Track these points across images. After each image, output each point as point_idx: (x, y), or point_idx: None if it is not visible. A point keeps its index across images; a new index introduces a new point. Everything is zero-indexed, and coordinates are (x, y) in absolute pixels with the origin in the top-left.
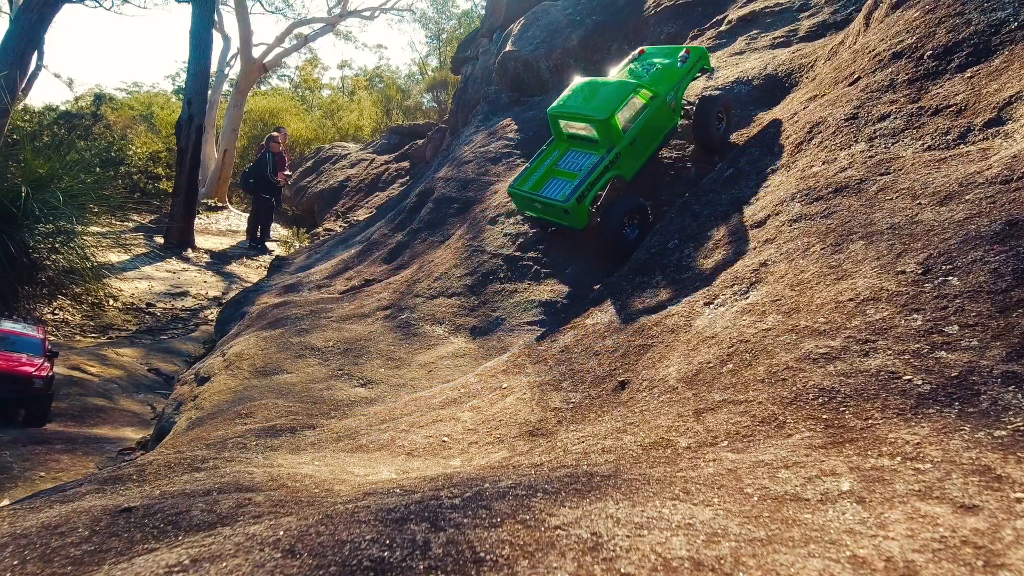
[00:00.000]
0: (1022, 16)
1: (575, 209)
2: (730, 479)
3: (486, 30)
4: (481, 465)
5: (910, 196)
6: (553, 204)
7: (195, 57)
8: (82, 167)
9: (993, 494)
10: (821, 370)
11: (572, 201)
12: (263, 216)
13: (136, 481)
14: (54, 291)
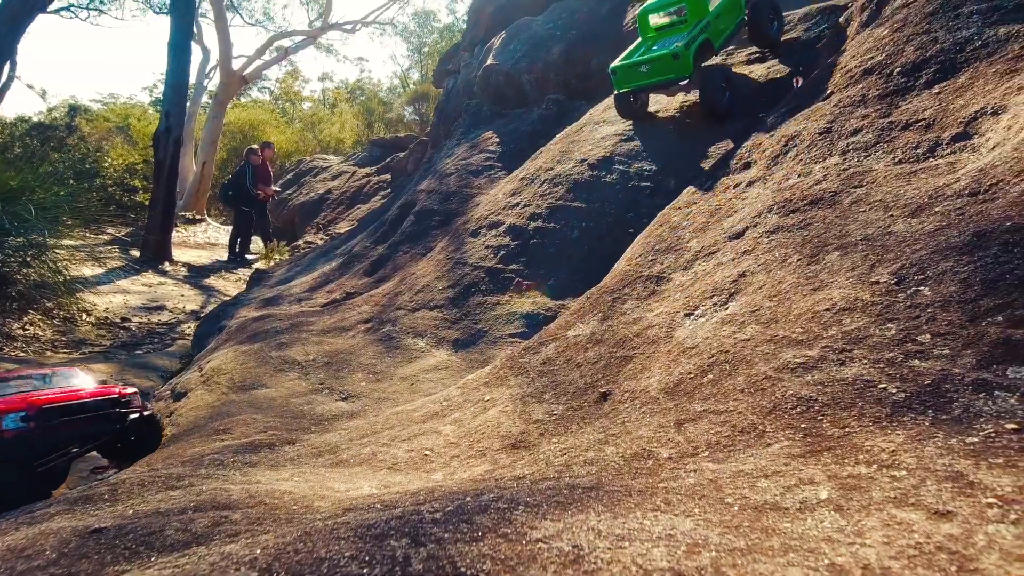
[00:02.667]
0: (985, 35)
1: (683, 54)
2: (711, 489)
3: (467, 44)
4: (463, 479)
5: (883, 208)
6: (661, 57)
7: (173, 69)
8: (55, 179)
9: (966, 500)
10: (799, 379)
11: (681, 47)
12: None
13: (108, 501)
14: (25, 306)
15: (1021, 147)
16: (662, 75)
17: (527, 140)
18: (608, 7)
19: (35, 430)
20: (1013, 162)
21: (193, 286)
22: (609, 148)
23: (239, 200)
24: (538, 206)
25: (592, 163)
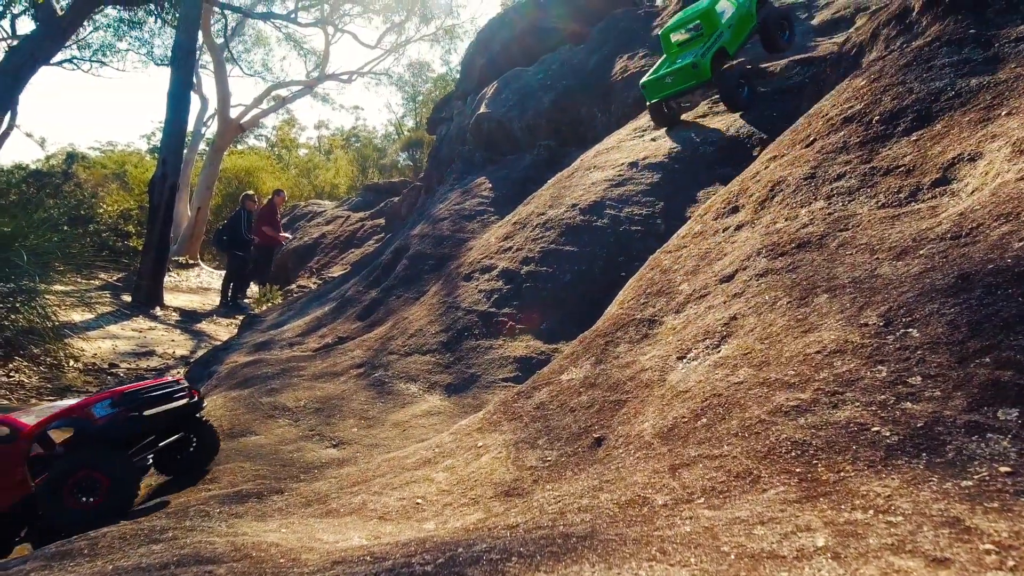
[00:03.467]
0: (958, 86)
1: (701, 63)
2: (707, 537)
3: (461, 93)
4: (455, 528)
5: (868, 251)
6: (682, 68)
7: (172, 118)
8: (49, 225)
9: (963, 546)
10: (793, 423)
11: (699, 57)
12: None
13: (87, 556)
14: (11, 352)
15: (999, 192)
16: (685, 83)
17: (519, 186)
18: (596, 59)
19: (122, 415)
20: (992, 206)
21: (184, 331)
22: (600, 193)
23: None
24: (530, 250)
25: (583, 208)
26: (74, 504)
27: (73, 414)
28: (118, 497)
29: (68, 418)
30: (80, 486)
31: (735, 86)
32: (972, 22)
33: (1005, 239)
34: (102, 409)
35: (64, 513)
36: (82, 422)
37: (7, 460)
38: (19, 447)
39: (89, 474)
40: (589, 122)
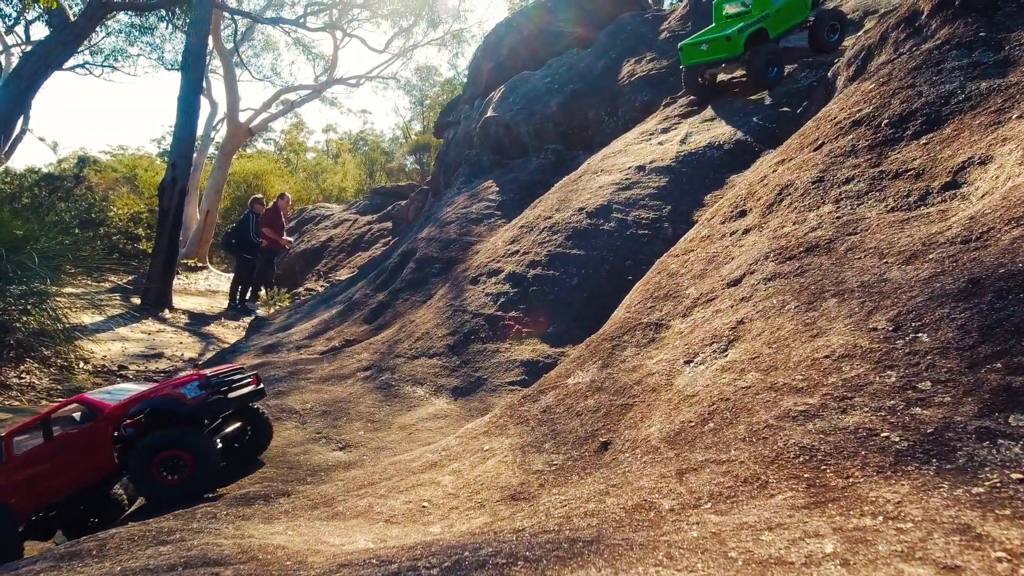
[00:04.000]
0: (968, 89)
1: (736, 37)
2: (714, 543)
3: (468, 97)
4: (462, 531)
5: (877, 255)
6: (717, 39)
7: (182, 122)
8: (60, 228)
9: (974, 554)
10: (801, 428)
11: (735, 31)
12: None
13: (96, 557)
14: (22, 354)
15: (1010, 196)
16: (717, 54)
17: (526, 189)
18: (603, 63)
19: (208, 396)
20: (1003, 210)
21: (192, 333)
22: (607, 197)
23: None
24: (537, 254)
25: (590, 211)
26: (160, 480)
27: (165, 394)
28: (201, 475)
29: (160, 398)
30: (167, 464)
31: (764, 64)
32: (982, 25)
33: (1016, 243)
34: (192, 391)
35: (151, 488)
36: (175, 403)
37: (88, 439)
38: (100, 426)
39: (176, 452)
40: (596, 126)
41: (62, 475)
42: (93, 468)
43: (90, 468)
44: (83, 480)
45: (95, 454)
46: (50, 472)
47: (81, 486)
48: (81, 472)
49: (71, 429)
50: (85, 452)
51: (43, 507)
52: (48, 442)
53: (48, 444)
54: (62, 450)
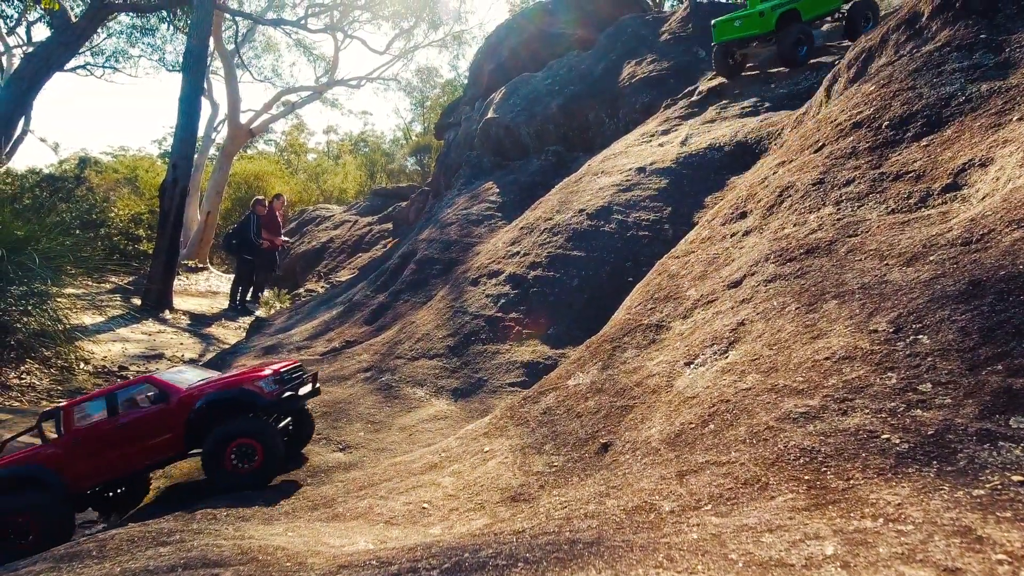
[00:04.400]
0: (969, 91)
1: (768, 14)
2: (714, 544)
3: (469, 98)
4: (462, 533)
5: (878, 257)
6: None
7: (183, 123)
8: (61, 229)
9: (975, 556)
10: (801, 430)
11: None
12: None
13: (96, 558)
14: (23, 355)
15: (1011, 198)
16: (750, 30)
17: (527, 191)
18: (604, 65)
19: (282, 391)
20: (1004, 212)
21: (193, 334)
22: (607, 198)
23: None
24: (538, 255)
25: (591, 213)
26: (231, 468)
27: (244, 386)
28: (270, 466)
29: (239, 389)
30: (239, 453)
31: (794, 43)
32: (983, 27)
33: (1017, 245)
34: (268, 384)
35: (223, 476)
36: (254, 395)
37: (159, 419)
38: (173, 409)
39: (249, 443)
40: (597, 127)
41: (125, 452)
42: (159, 448)
43: (156, 448)
44: (146, 459)
45: (164, 435)
46: (111, 448)
47: (142, 466)
48: (146, 451)
49: (140, 407)
50: (154, 432)
51: (99, 483)
52: (113, 418)
53: (113, 420)
54: (128, 427)
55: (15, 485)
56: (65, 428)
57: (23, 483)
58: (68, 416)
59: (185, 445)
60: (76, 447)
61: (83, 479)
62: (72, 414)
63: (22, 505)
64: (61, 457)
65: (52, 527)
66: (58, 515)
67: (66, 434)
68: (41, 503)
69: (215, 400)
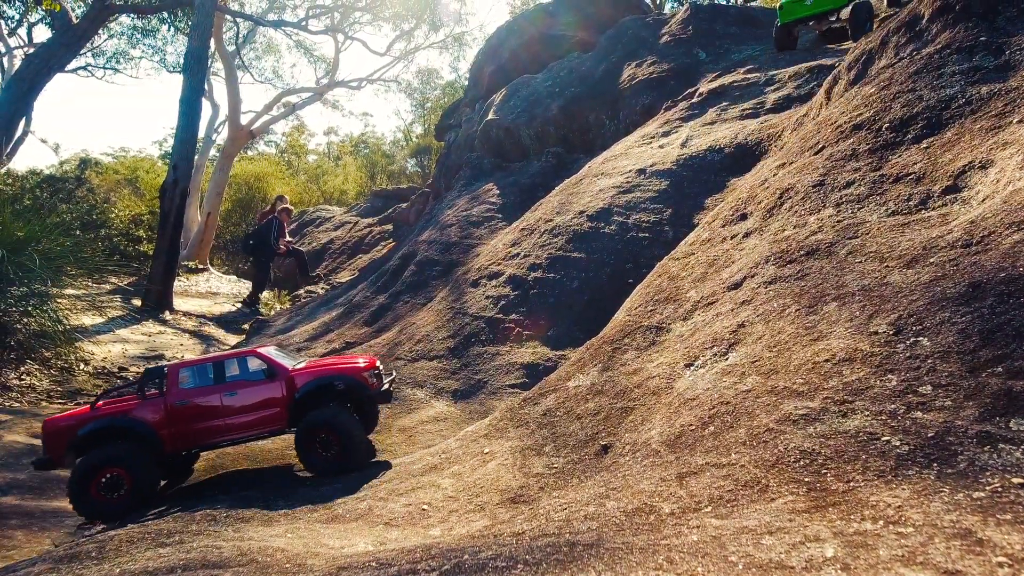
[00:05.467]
0: (969, 93)
1: None
2: (714, 546)
3: (469, 100)
4: (461, 535)
5: (878, 259)
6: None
7: (184, 124)
8: (62, 230)
9: (975, 559)
10: (801, 432)
11: None
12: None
13: (95, 559)
14: (23, 355)
15: (1011, 200)
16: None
17: (527, 192)
18: (604, 67)
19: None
20: (1004, 214)
21: (193, 335)
22: (607, 200)
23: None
24: (538, 256)
25: (591, 214)
26: (317, 456)
27: (351, 374)
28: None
29: (350, 376)
30: (323, 441)
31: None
32: (983, 29)
33: (1017, 247)
34: (372, 376)
35: (311, 459)
36: (361, 385)
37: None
38: (278, 386)
39: (331, 432)
40: (597, 129)
41: (226, 421)
42: (261, 423)
43: (258, 422)
44: (245, 431)
45: (267, 410)
46: (213, 415)
47: (239, 436)
48: (247, 424)
49: (247, 380)
50: (258, 406)
51: (193, 447)
52: (219, 385)
53: (219, 387)
54: (233, 396)
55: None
56: (168, 388)
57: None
58: (173, 376)
59: (288, 423)
60: (178, 408)
61: (178, 440)
62: (177, 375)
63: (121, 457)
64: (161, 416)
65: (144, 483)
66: (152, 472)
67: (169, 394)
68: (139, 457)
69: (325, 384)
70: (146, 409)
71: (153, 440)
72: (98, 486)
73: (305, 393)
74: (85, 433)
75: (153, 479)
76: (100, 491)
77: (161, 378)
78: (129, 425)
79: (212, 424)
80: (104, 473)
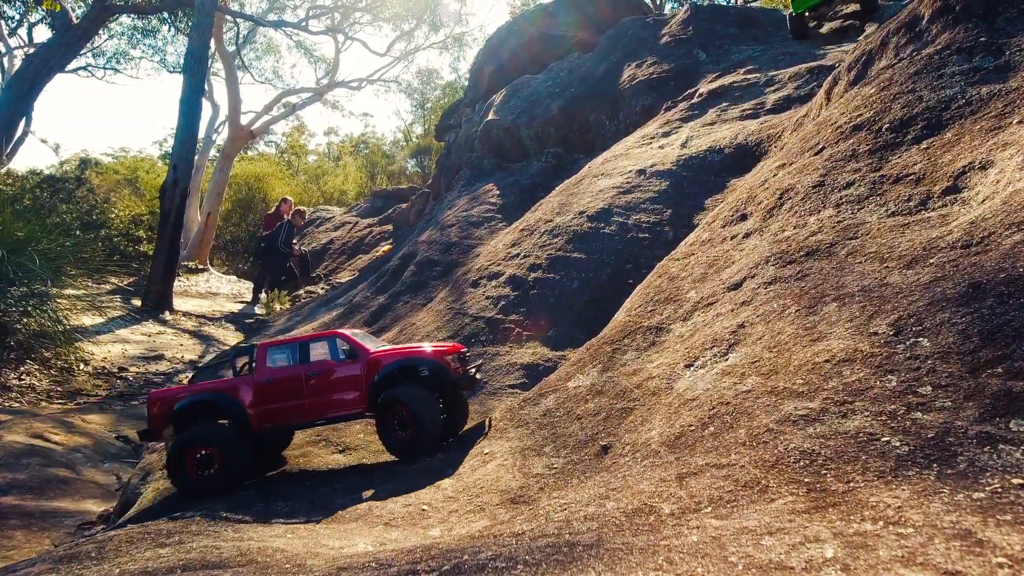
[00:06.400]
0: (969, 94)
1: None
2: (714, 547)
3: (469, 100)
4: (461, 535)
5: (878, 260)
6: None
7: (184, 124)
8: (62, 230)
9: (975, 559)
10: (801, 432)
11: None
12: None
13: (95, 559)
14: (23, 355)
15: (1011, 200)
16: None
17: (527, 192)
18: (605, 66)
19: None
20: (1004, 215)
21: (193, 335)
22: (607, 200)
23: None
24: (538, 257)
25: (591, 215)
26: (395, 435)
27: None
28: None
29: (432, 360)
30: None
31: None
32: (983, 30)
33: (1017, 248)
34: (455, 361)
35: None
36: (444, 370)
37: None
38: (360, 367)
39: (406, 411)
40: (597, 129)
41: (310, 400)
42: (343, 404)
43: (340, 403)
44: (328, 411)
45: (349, 392)
46: (298, 394)
47: (322, 416)
48: (330, 404)
49: (330, 361)
50: (340, 387)
51: (278, 425)
52: (304, 365)
53: (304, 367)
54: (317, 377)
55: (206, 413)
56: (258, 366)
57: (214, 413)
58: (263, 355)
59: (368, 405)
60: (266, 386)
61: (265, 418)
62: (266, 354)
63: (210, 436)
64: (251, 394)
65: (234, 463)
66: (241, 451)
67: (258, 372)
68: (227, 436)
69: (405, 367)
70: (237, 386)
71: (243, 417)
72: (192, 463)
73: (385, 375)
74: (181, 408)
75: (242, 459)
76: (194, 468)
77: (252, 356)
78: (221, 402)
79: (295, 404)
80: (197, 451)
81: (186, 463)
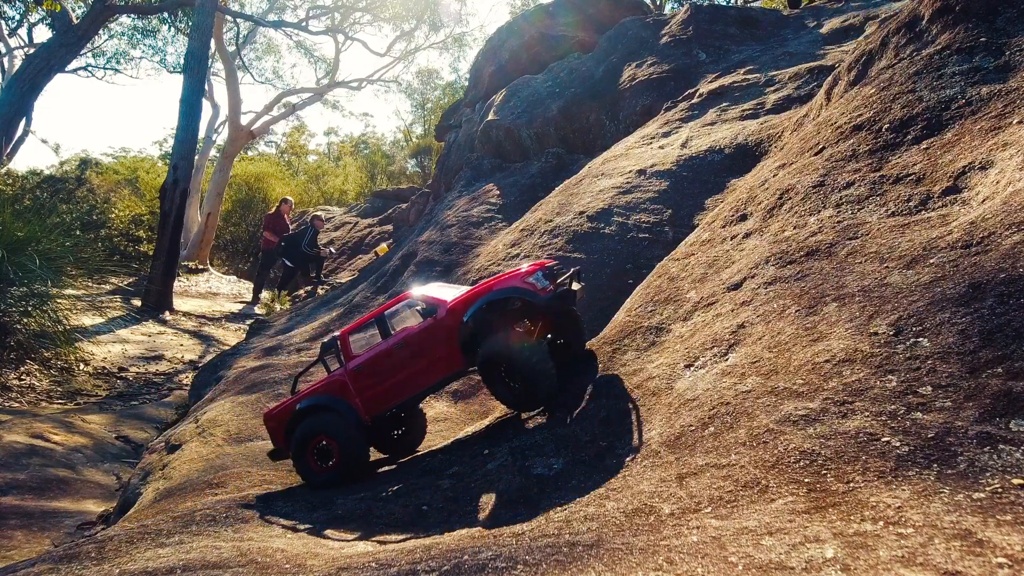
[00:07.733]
0: (969, 94)
1: None
2: (714, 547)
3: (469, 100)
4: (461, 535)
5: (878, 260)
6: None
7: (184, 124)
8: (62, 230)
9: (975, 559)
10: (801, 432)
11: None
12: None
13: (95, 559)
14: (23, 356)
15: (1011, 201)
16: None
17: (527, 193)
18: (605, 67)
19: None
20: (1004, 215)
21: (193, 335)
22: (608, 200)
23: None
24: (538, 257)
25: (591, 215)
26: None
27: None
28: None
29: (507, 288)
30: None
31: None
32: (983, 30)
33: (1017, 248)
34: (540, 280)
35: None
36: (526, 292)
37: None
38: (441, 321)
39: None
40: (597, 130)
41: (405, 373)
42: (437, 367)
43: (434, 367)
44: (426, 380)
45: (438, 351)
46: (391, 370)
47: (422, 387)
48: (424, 371)
49: (411, 325)
50: (428, 349)
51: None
52: (386, 339)
53: (387, 342)
54: (403, 347)
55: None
56: (345, 357)
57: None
58: (345, 344)
59: (463, 360)
60: (358, 373)
61: (370, 404)
62: (348, 341)
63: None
64: (347, 385)
65: (351, 454)
66: (356, 443)
67: (347, 362)
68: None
69: (489, 302)
70: (332, 382)
71: (346, 410)
72: (314, 455)
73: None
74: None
75: (359, 450)
76: (316, 460)
77: (337, 349)
78: (324, 403)
79: (392, 381)
80: (317, 441)
81: (308, 456)
